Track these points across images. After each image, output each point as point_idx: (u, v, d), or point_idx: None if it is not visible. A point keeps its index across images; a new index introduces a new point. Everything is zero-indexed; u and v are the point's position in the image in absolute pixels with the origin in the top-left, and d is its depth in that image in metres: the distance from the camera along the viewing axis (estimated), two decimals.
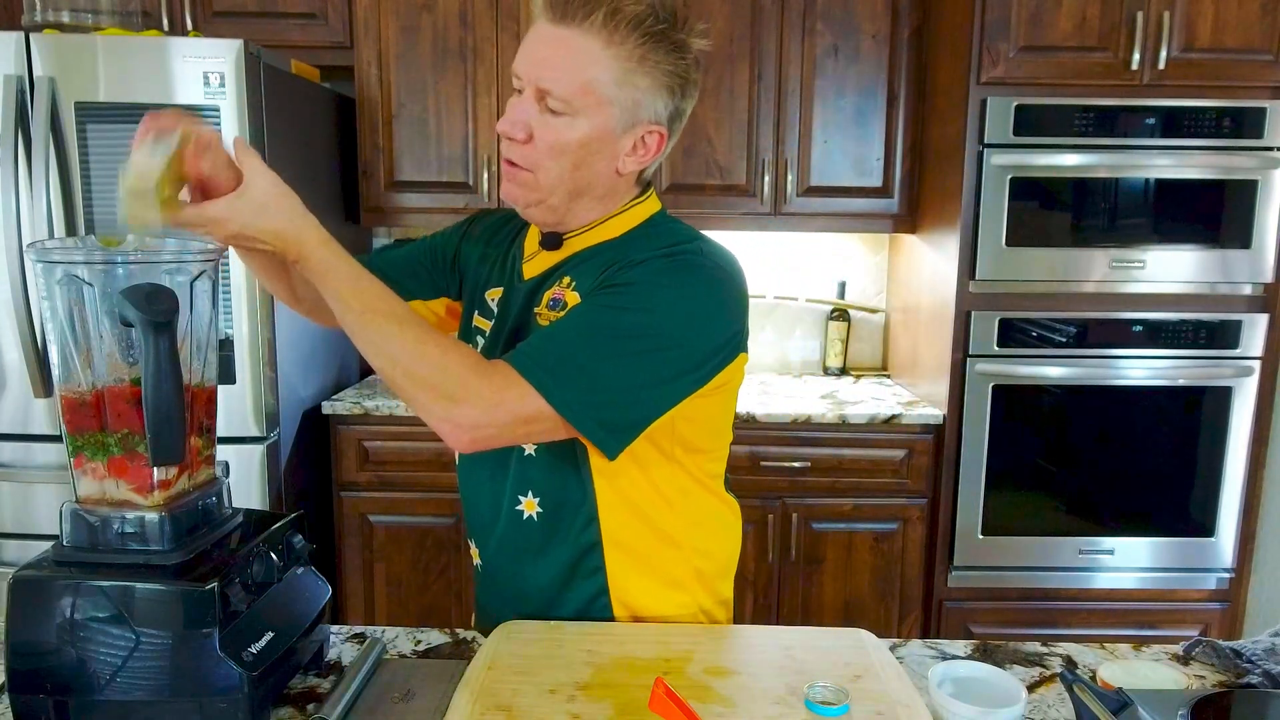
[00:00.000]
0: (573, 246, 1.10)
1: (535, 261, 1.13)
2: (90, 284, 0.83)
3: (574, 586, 1.11)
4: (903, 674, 0.96)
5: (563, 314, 1.03)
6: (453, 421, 0.92)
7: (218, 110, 2.02)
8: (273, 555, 0.94)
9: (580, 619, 1.11)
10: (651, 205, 1.12)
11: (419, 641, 1.10)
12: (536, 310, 1.08)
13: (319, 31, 2.53)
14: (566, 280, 1.07)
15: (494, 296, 1.16)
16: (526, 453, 1.09)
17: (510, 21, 2.53)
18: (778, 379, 2.89)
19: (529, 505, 1.10)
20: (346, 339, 0.96)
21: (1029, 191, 2.28)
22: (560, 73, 0.98)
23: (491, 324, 1.14)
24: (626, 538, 1.09)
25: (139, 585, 0.83)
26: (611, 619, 1.11)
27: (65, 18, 2.16)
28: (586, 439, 0.97)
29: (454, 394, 0.91)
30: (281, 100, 2.21)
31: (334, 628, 1.09)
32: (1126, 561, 2.42)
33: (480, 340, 1.15)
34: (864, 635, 1.05)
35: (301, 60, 2.42)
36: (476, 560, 1.20)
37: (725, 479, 1.19)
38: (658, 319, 0.97)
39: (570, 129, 0.99)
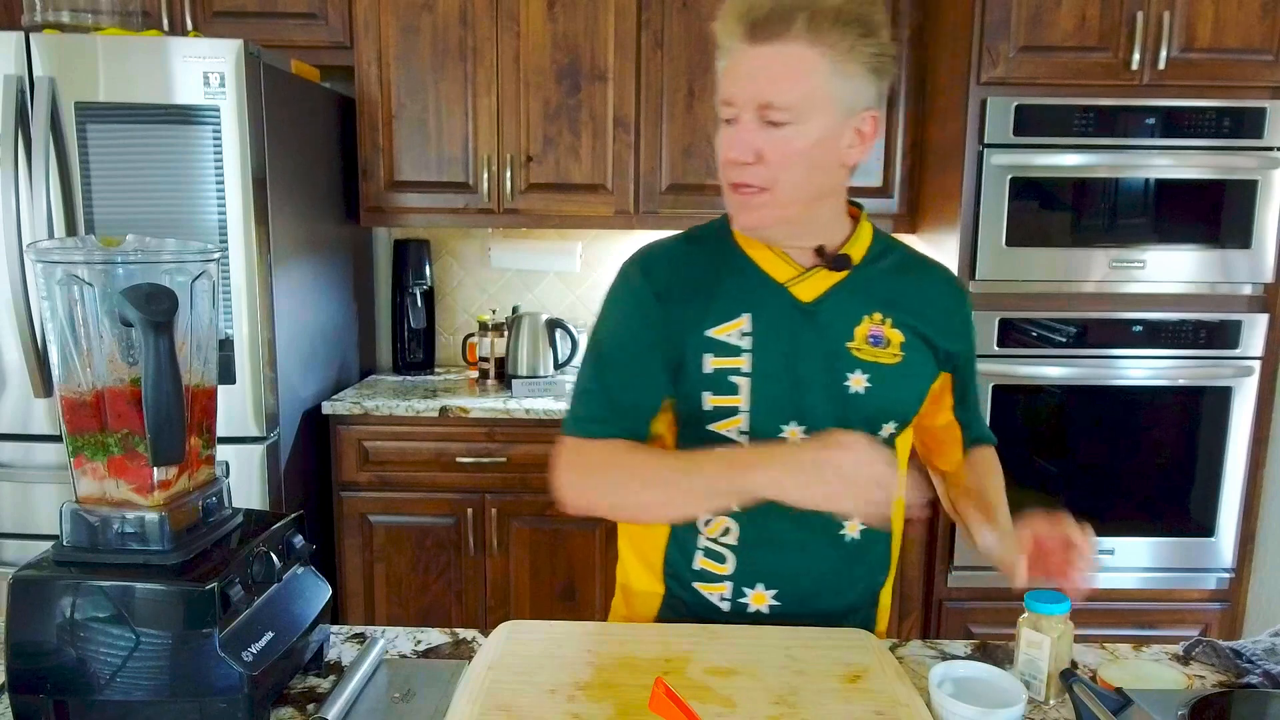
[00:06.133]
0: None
1: (810, 282, 1.10)
2: (90, 284, 0.83)
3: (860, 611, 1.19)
4: (903, 674, 0.96)
5: (888, 349, 1.10)
6: None
7: (218, 110, 2.02)
8: (273, 555, 0.94)
9: None
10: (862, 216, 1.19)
11: (419, 641, 1.10)
12: (851, 345, 1.09)
13: (319, 31, 2.53)
14: (878, 316, 1.10)
15: (728, 331, 1.07)
16: None
17: (510, 21, 2.53)
18: None
19: (852, 527, 1.14)
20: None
21: (1029, 191, 2.28)
22: (780, 83, 0.98)
23: (750, 359, 1.06)
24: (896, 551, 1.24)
25: (139, 585, 0.83)
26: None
27: (65, 18, 2.16)
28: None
29: None
30: (281, 100, 2.21)
31: (334, 628, 1.09)
32: (1126, 561, 2.42)
33: (739, 380, 1.06)
34: (864, 635, 1.05)
35: (301, 60, 2.43)
36: (763, 605, 1.11)
37: None
38: None
39: (799, 136, 1.00)
